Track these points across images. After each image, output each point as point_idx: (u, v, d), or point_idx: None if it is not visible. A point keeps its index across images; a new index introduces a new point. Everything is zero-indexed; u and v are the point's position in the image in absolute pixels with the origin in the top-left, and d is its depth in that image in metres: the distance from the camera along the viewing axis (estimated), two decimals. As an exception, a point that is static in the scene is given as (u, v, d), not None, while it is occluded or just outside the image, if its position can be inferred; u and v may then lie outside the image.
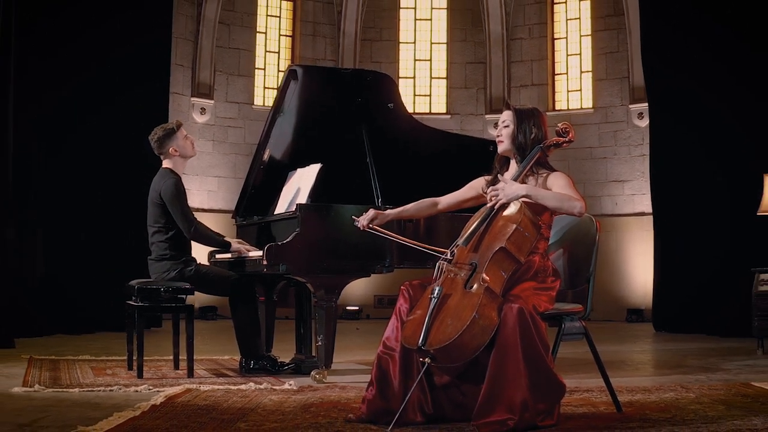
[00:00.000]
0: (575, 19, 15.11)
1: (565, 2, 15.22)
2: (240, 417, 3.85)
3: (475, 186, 4.37)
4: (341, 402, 4.35)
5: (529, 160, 4.02)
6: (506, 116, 4.17)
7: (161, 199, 5.68)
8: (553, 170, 4.10)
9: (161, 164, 5.91)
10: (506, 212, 3.86)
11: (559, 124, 4.17)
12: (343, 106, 5.97)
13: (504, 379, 3.56)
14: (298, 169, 5.97)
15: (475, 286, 3.65)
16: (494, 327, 3.57)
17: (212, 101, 13.99)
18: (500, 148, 4.16)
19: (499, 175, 4.13)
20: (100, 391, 4.77)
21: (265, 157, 6.23)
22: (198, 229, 5.71)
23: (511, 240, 3.74)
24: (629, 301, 13.41)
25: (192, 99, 13.73)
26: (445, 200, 4.45)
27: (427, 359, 3.58)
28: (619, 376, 5.51)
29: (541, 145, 4.05)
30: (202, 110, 13.83)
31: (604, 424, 3.74)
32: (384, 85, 6.16)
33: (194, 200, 13.01)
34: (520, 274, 3.86)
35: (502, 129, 4.16)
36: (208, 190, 13.51)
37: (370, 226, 4.26)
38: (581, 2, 15.03)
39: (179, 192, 5.67)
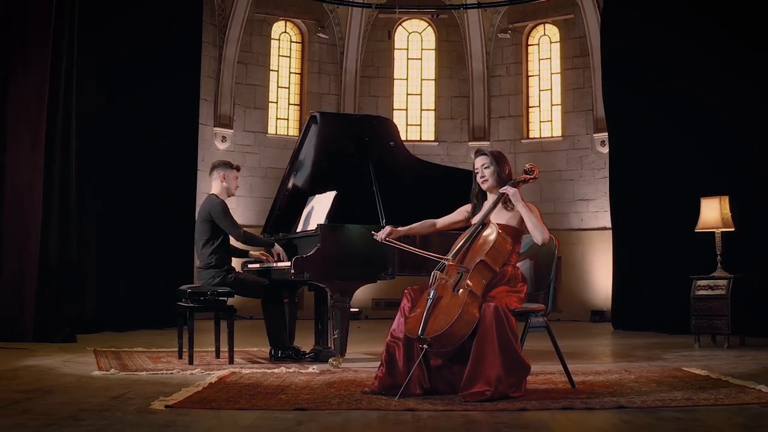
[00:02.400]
0: (547, 59, 15.57)
1: (538, 44, 15.68)
2: (279, 391, 4.48)
3: (461, 212, 4.93)
4: (356, 381, 4.95)
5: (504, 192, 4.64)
6: (484, 160, 4.67)
7: (210, 216, 6.20)
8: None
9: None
10: (485, 233, 4.49)
11: (526, 165, 4.76)
12: (354, 144, 6.39)
13: (483, 360, 4.16)
14: (317, 195, 6.45)
15: (461, 290, 4.26)
16: (476, 321, 4.19)
17: (232, 130, 14.49)
18: (485, 186, 4.67)
19: (485, 199, 4.73)
20: (163, 373, 5.35)
21: (290, 185, 6.76)
22: (246, 234, 6.28)
23: (489, 254, 4.37)
24: (593, 304, 13.87)
25: (214, 129, 14.24)
26: (441, 222, 5.00)
27: (424, 346, 4.21)
28: (577, 363, 6.05)
29: (512, 181, 4.67)
30: (223, 138, 14.36)
31: (560, 396, 4.35)
32: (387, 126, 6.61)
33: None
34: (496, 280, 4.45)
35: (483, 170, 4.66)
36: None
37: (387, 239, 4.81)
38: (552, 44, 15.52)
39: (226, 209, 6.25)
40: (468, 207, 4.90)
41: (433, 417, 3.71)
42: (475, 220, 4.69)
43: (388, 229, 4.85)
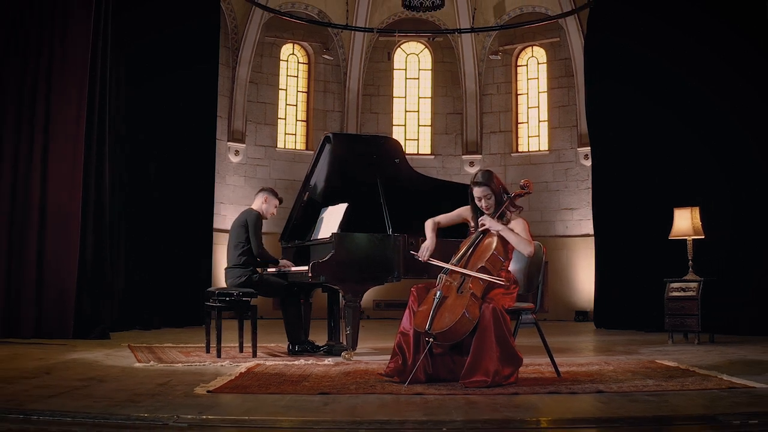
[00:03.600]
0: (534, 78, 15.89)
1: (526, 65, 16.00)
2: (303, 379, 4.84)
3: (461, 213, 5.23)
4: (369, 370, 5.32)
5: (500, 207, 4.97)
6: (485, 192, 4.89)
7: (246, 223, 6.58)
8: (516, 208, 4.96)
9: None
10: (486, 242, 4.85)
11: (522, 180, 5.10)
12: (363, 161, 6.67)
13: (482, 353, 4.52)
14: (330, 207, 6.76)
15: (464, 291, 4.63)
16: (476, 319, 4.54)
17: (244, 145, 14.81)
18: (487, 212, 4.93)
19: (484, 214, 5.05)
20: (196, 365, 5.69)
21: (305, 198, 7.10)
22: (263, 250, 6.61)
23: (489, 261, 4.73)
24: (577, 305, 14.18)
25: (228, 143, 14.56)
26: (443, 220, 5.28)
27: (430, 339, 4.59)
28: (563, 357, 6.40)
29: (511, 196, 4.99)
30: (236, 152, 14.69)
31: (548, 383, 4.72)
32: (392, 145, 6.92)
33: (228, 223, 13.78)
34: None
35: (487, 201, 4.91)
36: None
37: (430, 259, 5.04)
38: (539, 65, 15.85)
39: (258, 223, 6.62)
40: (465, 209, 5.16)
41: (438, 399, 4.09)
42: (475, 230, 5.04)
43: (426, 251, 5.07)
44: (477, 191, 4.94)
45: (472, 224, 5.09)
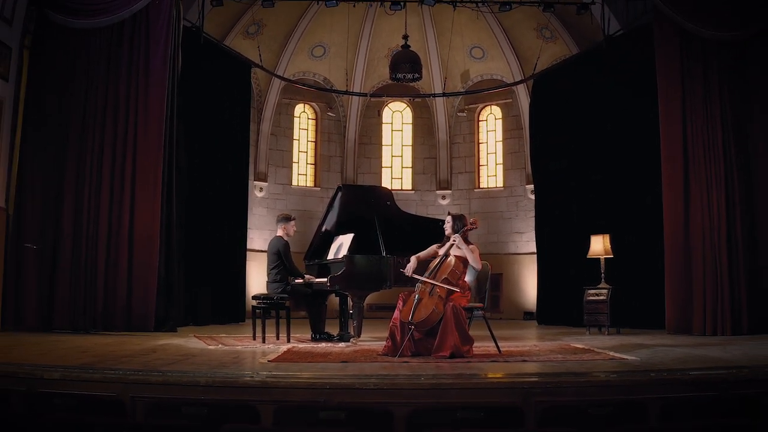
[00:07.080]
0: (492, 130, 16.74)
1: (486, 120, 16.87)
2: (327, 354, 6.04)
3: (433, 249, 6.39)
4: (371, 349, 6.50)
5: (458, 233, 6.23)
6: (449, 219, 6.23)
7: (278, 250, 7.63)
8: (470, 244, 6.22)
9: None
10: (447, 261, 6.09)
11: (471, 219, 6.37)
12: (364, 203, 7.78)
13: (446, 336, 5.72)
14: (341, 236, 7.84)
15: (434, 294, 5.85)
16: (442, 313, 5.77)
17: (266, 183, 15.73)
18: (446, 232, 6.23)
19: (448, 241, 6.29)
20: (250, 347, 6.83)
21: (323, 230, 8.25)
22: (296, 269, 7.69)
23: (450, 274, 5.96)
24: (525, 307, 15.07)
25: (254, 182, 15.41)
26: (422, 255, 6.37)
27: (412, 326, 5.82)
28: (507, 342, 7.48)
29: (464, 229, 6.28)
30: (260, 189, 15.64)
31: (492, 356, 5.90)
32: (385, 192, 8.12)
33: (255, 244, 14.75)
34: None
35: (447, 225, 6.23)
36: (264, 238, 14.93)
37: (413, 275, 6.13)
38: (496, 120, 16.71)
39: (287, 249, 7.69)
40: (434, 247, 6.39)
41: (419, 364, 5.32)
42: (441, 251, 6.27)
43: (410, 269, 6.17)
44: (447, 218, 6.23)
45: (440, 252, 6.34)
